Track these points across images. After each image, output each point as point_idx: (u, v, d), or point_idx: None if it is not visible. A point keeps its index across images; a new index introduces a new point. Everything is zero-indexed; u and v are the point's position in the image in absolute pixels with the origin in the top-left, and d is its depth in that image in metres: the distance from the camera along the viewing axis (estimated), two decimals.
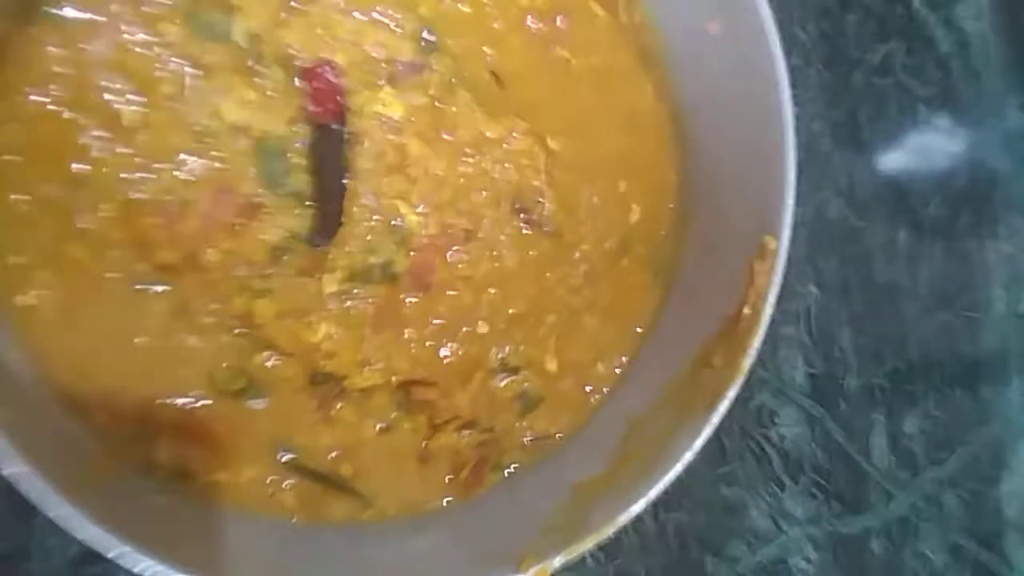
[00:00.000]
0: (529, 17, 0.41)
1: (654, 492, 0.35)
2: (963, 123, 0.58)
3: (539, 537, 0.35)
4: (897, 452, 0.54)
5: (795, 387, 0.53)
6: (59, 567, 0.41)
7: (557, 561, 0.34)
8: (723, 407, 0.36)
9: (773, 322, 0.37)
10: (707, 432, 0.36)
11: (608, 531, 0.35)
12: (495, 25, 0.41)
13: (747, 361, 0.37)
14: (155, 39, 0.36)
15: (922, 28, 0.57)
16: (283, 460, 0.38)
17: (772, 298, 0.37)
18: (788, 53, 0.38)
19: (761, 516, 0.51)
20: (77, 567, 0.41)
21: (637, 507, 0.35)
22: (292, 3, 0.38)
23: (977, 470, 0.55)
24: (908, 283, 0.56)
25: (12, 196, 0.35)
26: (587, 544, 0.35)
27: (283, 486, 0.38)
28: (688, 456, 0.36)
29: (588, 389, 0.43)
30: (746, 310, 0.38)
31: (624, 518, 0.35)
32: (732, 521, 0.51)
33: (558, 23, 0.42)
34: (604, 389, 0.43)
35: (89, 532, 0.30)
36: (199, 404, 0.37)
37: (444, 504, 0.40)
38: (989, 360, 0.57)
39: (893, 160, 0.57)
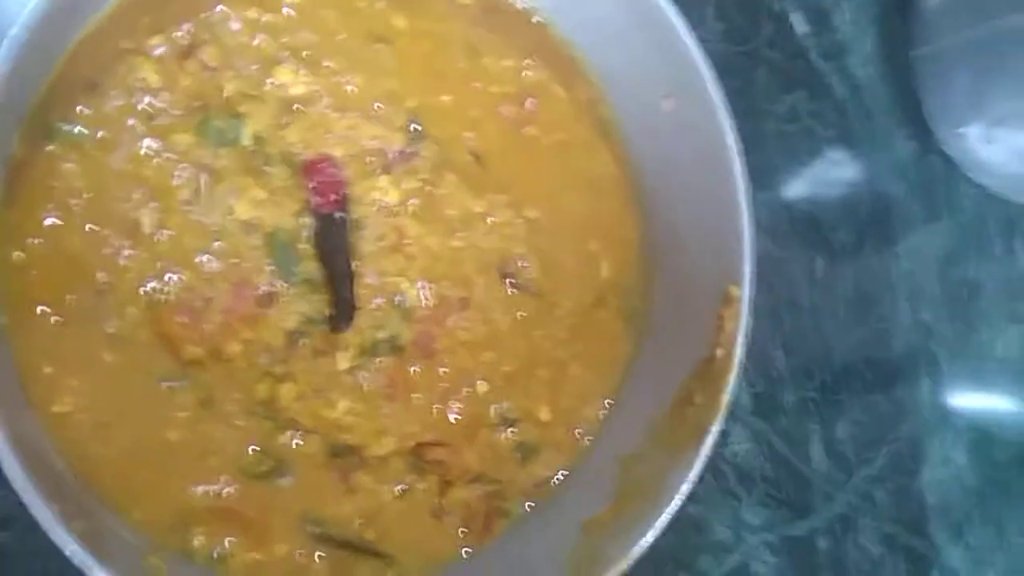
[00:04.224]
0: (502, 103, 0.45)
1: (661, 522, 0.39)
2: (860, 157, 0.65)
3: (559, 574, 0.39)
4: (832, 456, 0.59)
5: (741, 407, 0.58)
6: None
7: None
8: (710, 440, 0.41)
9: None
10: (700, 464, 0.40)
11: (624, 563, 0.39)
12: (472, 112, 0.45)
13: (726, 397, 0.41)
14: (169, 149, 0.38)
15: (821, 77, 0.64)
16: (312, 533, 0.41)
17: (741, 340, 0.42)
18: None
19: (723, 529, 0.55)
20: None
21: (648, 538, 0.39)
22: (293, 106, 0.41)
23: (900, 465, 0.60)
24: (827, 304, 0.62)
25: (39, 309, 0.37)
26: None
27: (314, 558, 0.40)
28: (686, 487, 0.40)
29: (578, 433, 0.46)
30: (719, 352, 0.42)
31: (638, 549, 0.39)
32: (699, 537, 0.55)
33: (527, 106, 0.46)
34: (593, 432, 0.46)
35: None
36: (230, 489, 0.39)
37: (464, 555, 0.43)
38: (900, 365, 0.63)
39: (805, 196, 0.63)
